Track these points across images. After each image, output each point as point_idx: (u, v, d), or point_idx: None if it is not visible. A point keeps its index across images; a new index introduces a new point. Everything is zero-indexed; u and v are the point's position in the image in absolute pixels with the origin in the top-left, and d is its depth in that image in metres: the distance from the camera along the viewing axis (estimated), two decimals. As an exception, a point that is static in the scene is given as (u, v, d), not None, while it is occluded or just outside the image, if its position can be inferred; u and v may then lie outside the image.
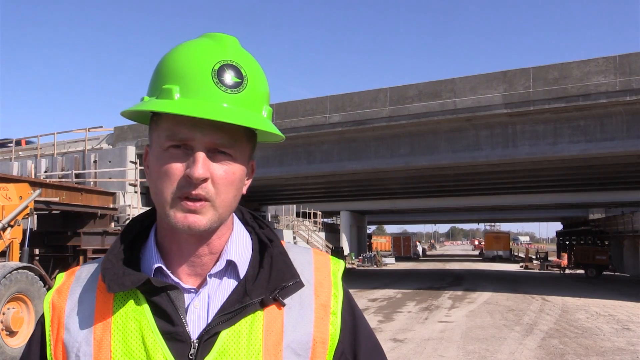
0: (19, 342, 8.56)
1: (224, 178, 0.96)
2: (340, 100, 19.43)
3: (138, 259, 1.04)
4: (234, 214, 1.10)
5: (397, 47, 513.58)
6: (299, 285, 1.02)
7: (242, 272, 1.02)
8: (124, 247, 1.04)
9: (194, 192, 0.94)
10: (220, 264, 1.02)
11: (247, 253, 1.05)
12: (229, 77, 0.96)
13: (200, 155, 0.94)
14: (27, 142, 27.55)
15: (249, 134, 1.00)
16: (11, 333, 8.54)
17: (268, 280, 1.01)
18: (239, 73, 0.97)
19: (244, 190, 1.06)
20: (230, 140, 0.96)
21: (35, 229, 11.08)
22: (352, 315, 1.09)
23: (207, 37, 1.01)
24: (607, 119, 16.21)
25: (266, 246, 1.06)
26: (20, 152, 26.33)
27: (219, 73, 0.95)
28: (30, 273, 9.01)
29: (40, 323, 1.05)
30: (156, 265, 1.01)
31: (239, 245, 1.05)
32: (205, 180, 0.94)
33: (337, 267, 1.11)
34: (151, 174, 1.00)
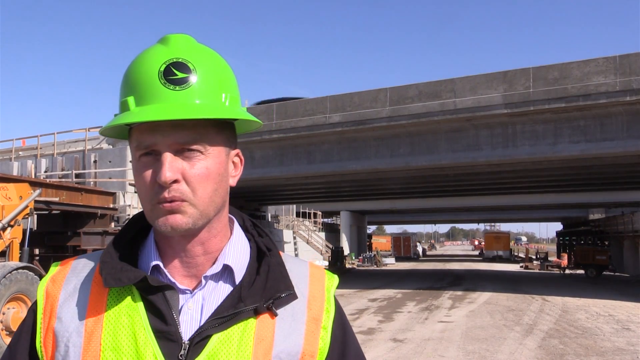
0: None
1: (196, 175, 0.96)
2: (340, 100, 19.42)
3: (136, 256, 1.04)
4: (234, 219, 1.11)
5: (397, 47, 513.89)
6: (293, 297, 1.03)
7: (238, 278, 1.02)
8: (123, 243, 1.04)
9: (167, 196, 0.94)
10: (217, 267, 1.02)
11: (244, 259, 1.06)
12: (176, 74, 0.95)
13: (166, 158, 0.94)
14: None
15: (218, 126, 1.00)
16: (11, 333, 8.54)
17: (263, 289, 1.01)
18: (186, 68, 0.96)
19: (233, 183, 1.05)
20: (195, 135, 0.96)
21: (35, 228, 11.08)
22: (342, 332, 1.09)
23: (159, 41, 1.01)
24: (607, 119, 16.20)
25: (264, 255, 1.06)
26: (20, 152, 26.33)
27: (165, 73, 0.95)
28: (30, 273, 9.01)
29: (33, 310, 1.05)
30: (154, 263, 1.01)
31: (237, 251, 1.05)
32: (176, 181, 0.94)
33: (332, 282, 1.12)
34: (135, 185, 1.01)
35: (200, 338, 0.96)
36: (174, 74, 0.95)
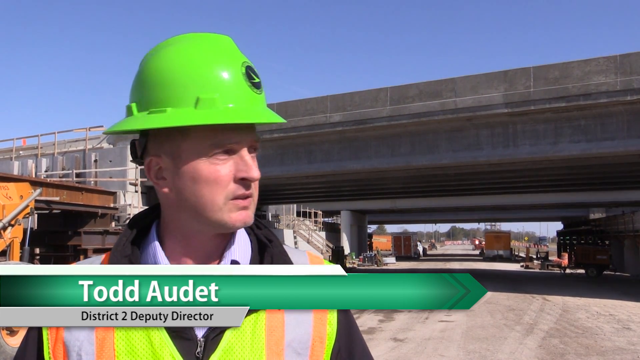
0: (18, 341, 8.53)
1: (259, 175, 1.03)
2: (341, 100, 19.42)
3: (138, 257, 1.04)
4: None
5: (397, 47, 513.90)
6: None
7: None
8: (128, 244, 1.04)
9: (248, 192, 1.00)
10: (225, 264, 1.03)
11: (248, 253, 1.06)
12: (254, 77, 1.00)
13: (252, 157, 1.01)
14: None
15: None
16: (11, 332, 8.54)
17: None
18: (256, 73, 1.01)
19: None
20: (258, 138, 1.03)
21: (36, 228, 11.08)
22: (346, 317, 1.10)
23: (210, 38, 1.01)
24: (608, 118, 16.20)
25: (265, 246, 1.07)
26: (20, 152, 26.36)
27: (247, 76, 0.99)
28: (31, 272, 8.99)
29: None
30: (162, 263, 1.02)
31: (240, 246, 1.06)
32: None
33: None
34: (186, 183, 0.98)
35: (215, 334, 0.97)
36: (252, 77, 0.99)
